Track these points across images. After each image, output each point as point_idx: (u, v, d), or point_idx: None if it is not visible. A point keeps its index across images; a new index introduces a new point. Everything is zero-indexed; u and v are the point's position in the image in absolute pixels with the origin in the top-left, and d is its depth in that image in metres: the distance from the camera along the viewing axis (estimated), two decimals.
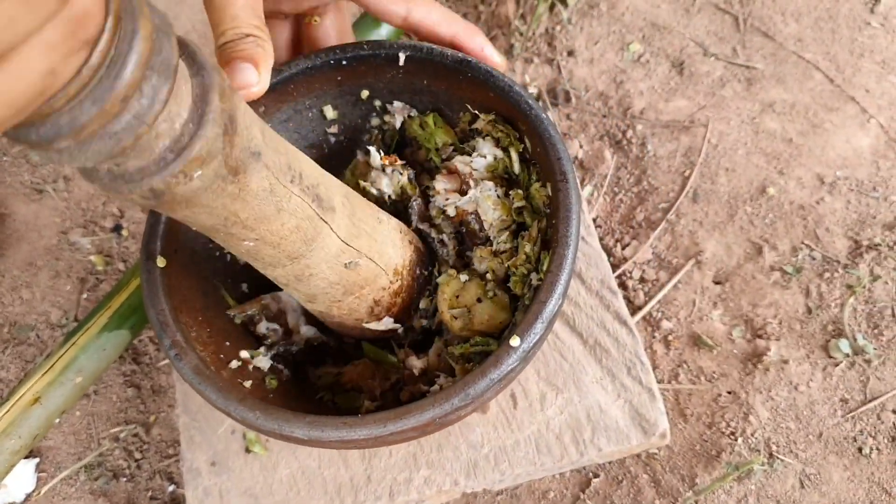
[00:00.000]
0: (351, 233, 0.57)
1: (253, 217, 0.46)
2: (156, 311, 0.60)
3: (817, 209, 1.04)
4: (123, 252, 1.06)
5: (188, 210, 0.42)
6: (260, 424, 0.55)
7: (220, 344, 0.67)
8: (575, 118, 1.14)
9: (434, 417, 0.54)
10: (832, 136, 1.10)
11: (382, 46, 0.69)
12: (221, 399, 0.56)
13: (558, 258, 0.58)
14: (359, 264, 0.60)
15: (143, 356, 0.98)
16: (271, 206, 0.47)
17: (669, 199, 1.06)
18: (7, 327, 1.02)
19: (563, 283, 0.57)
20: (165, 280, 0.62)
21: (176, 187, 0.38)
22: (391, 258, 0.64)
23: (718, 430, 0.90)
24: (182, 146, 0.37)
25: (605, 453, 0.80)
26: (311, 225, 0.52)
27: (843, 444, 0.89)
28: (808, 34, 1.21)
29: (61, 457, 0.93)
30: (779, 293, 0.99)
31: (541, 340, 0.57)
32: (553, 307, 0.57)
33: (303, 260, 0.54)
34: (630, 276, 1.01)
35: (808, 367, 0.94)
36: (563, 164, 0.62)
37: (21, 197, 1.11)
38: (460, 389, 0.54)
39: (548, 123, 0.64)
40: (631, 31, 1.23)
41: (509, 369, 0.55)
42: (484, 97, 0.68)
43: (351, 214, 0.57)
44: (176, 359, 0.58)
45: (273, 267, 0.54)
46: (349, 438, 0.54)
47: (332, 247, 0.55)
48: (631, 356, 0.84)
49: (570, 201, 0.60)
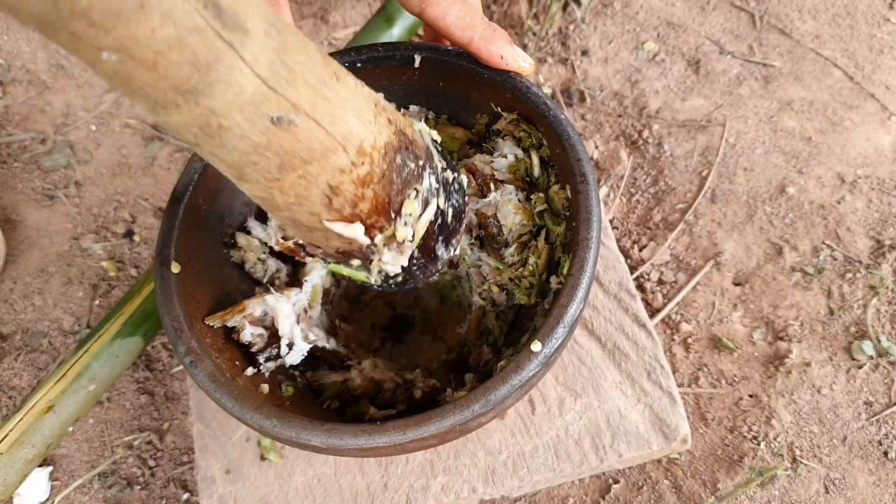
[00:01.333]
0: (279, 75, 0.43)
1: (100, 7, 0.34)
2: (170, 318, 0.60)
3: (838, 208, 1.02)
4: (135, 258, 1.06)
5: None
6: (277, 432, 0.54)
7: (235, 351, 0.66)
8: (590, 118, 1.13)
9: (454, 424, 0.52)
10: (852, 133, 1.09)
11: (398, 49, 0.68)
12: (237, 407, 0.55)
13: (579, 261, 0.57)
14: (295, 123, 0.45)
15: (157, 363, 0.98)
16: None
17: (687, 200, 1.05)
18: (19, 334, 1.01)
19: (584, 286, 0.56)
20: (180, 286, 0.61)
21: None
22: (353, 130, 0.49)
23: (740, 435, 0.88)
24: None
25: (626, 459, 0.79)
26: (204, 42, 0.38)
27: (867, 447, 0.87)
28: (825, 31, 1.19)
29: (75, 465, 0.92)
30: (800, 294, 0.97)
31: (562, 345, 0.56)
32: (575, 311, 0.55)
33: (202, 100, 0.40)
34: (648, 278, 0.99)
35: (831, 370, 0.92)
36: (583, 166, 0.61)
37: (32, 203, 1.11)
38: (481, 395, 0.53)
39: (567, 125, 0.63)
40: (645, 30, 1.21)
41: (531, 375, 0.54)
42: (501, 99, 0.67)
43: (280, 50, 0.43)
44: (191, 366, 0.58)
45: (164, 108, 0.41)
46: (368, 446, 0.52)
47: (246, 87, 0.41)
48: (650, 360, 0.82)
49: (590, 203, 0.59)
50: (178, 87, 0.39)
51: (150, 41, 0.36)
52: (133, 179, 1.12)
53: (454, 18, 0.61)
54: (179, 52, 0.37)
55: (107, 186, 1.12)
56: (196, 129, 0.43)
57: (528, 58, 0.64)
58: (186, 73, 0.39)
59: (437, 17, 0.60)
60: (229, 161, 0.46)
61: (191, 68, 0.38)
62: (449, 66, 0.67)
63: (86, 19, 0.34)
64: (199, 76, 0.39)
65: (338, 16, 1.26)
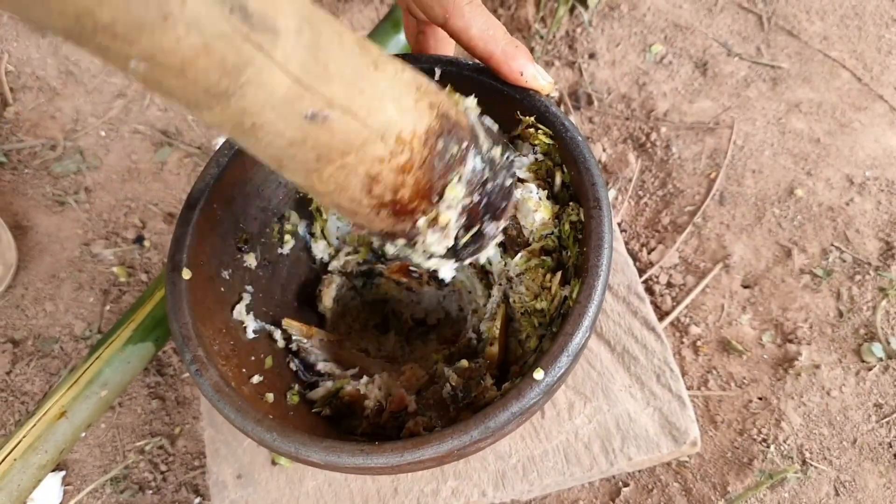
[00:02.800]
0: (312, 72, 0.43)
1: (123, 22, 0.34)
2: (179, 325, 0.60)
3: (847, 210, 1.02)
4: (146, 263, 1.06)
5: None
6: (277, 446, 0.54)
7: (243, 357, 0.66)
8: (598, 121, 1.13)
9: (452, 449, 0.52)
10: (861, 135, 1.08)
11: (418, 60, 0.67)
12: (239, 418, 0.56)
13: (587, 289, 0.56)
14: (330, 119, 0.46)
15: (168, 367, 0.98)
16: (152, 8, 0.35)
17: (695, 202, 1.05)
18: (31, 340, 1.02)
19: (591, 315, 0.56)
20: (190, 292, 0.62)
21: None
22: (391, 119, 0.49)
23: (750, 437, 0.88)
24: None
25: (635, 462, 0.79)
26: (232, 48, 0.38)
27: (878, 449, 0.87)
28: (833, 32, 1.19)
29: (87, 470, 0.93)
30: (809, 297, 0.97)
31: (566, 374, 0.55)
32: (580, 340, 0.55)
33: (233, 101, 0.41)
34: (657, 280, 1.00)
35: (841, 372, 0.92)
36: (598, 191, 0.60)
37: (43, 209, 1.11)
38: (480, 422, 0.53)
39: (584, 146, 0.62)
40: (653, 32, 1.21)
41: (532, 403, 0.53)
42: (519, 116, 0.67)
43: (312, 46, 0.43)
44: (196, 374, 0.58)
45: (198, 108, 0.42)
46: (366, 466, 0.53)
47: (278, 87, 0.42)
48: (660, 363, 0.83)
49: (602, 230, 0.58)
50: (209, 90, 0.40)
51: (176, 50, 0.37)
52: (143, 185, 1.13)
53: (477, 31, 0.59)
54: (207, 59, 0.38)
55: (117, 192, 1.12)
56: (231, 126, 0.43)
57: (547, 76, 0.63)
58: (216, 78, 0.39)
59: (461, 28, 0.59)
60: (268, 153, 0.47)
61: (220, 73, 0.39)
62: (468, 80, 0.66)
63: (110, 33, 0.34)
64: (228, 80, 0.40)
65: (345, 20, 1.26)
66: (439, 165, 0.53)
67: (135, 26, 0.34)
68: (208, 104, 0.41)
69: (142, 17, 0.34)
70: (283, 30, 0.41)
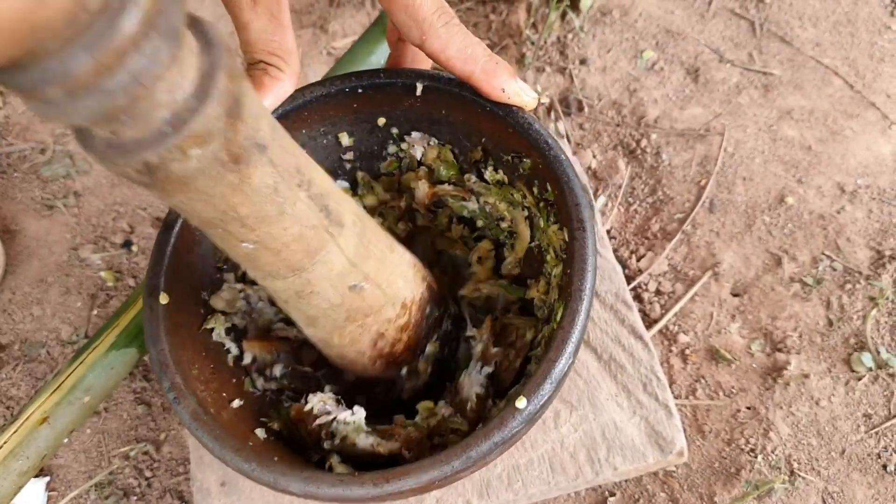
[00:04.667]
0: (359, 253, 0.55)
1: (253, 216, 0.44)
2: (156, 351, 0.59)
3: (838, 218, 1.02)
4: (133, 268, 1.06)
5: (184, 194, 0.40)
6: (255, 476, 0.54)
7: (223, 381, 0.65)
8: (588, 127, 1.13)
9: (433, 480, 0.52)
10: (852, 143, 1.08)
11: (400, 75, 0.67)
12: (218, 447, 0.55)
13: (571, 313, 0.56)
14: (364, 289, 0.57)
15: (153, 373, 0.98)
16: (274, 207, 0.45)
17: (685, 210, 1.04)
18: (18, 344, 1.01)
19: (574, 341, 0.55)
20: (168, 317, 0.61)
21: (171, 164, 0.37)
22: (400, 290, 0.62)
23: (738, 447, 0.88)
24: (182, 120, 0.35)
25: (621, 472, 0.78)
26: (316, 236, 0.50)
27: (866, 460, 0.87)
28: (826, 39, 1.19)
29: (72, 475, 0.92)
30: (799, 305, 0.96)
31: (549, 401, 0.54)
32: (563, 367, 0.54)
33: (304, 274, 0.52)
34: (645, 288, 0.99)
35: (830, 382, 0.91)
36: (581, 212, 0.59)
37: (31, 213, 1.11)
38: (461, 452, 0.52)
39: (567, 165, 0.61)
40: (644, 38, 1.21)
41: (514, 432, 0.53)
42: (502, 132, 0.65)
43: (361, 234, 0.55)
44: (175, 402, 0.57)
45: (273, 278, 0.52)
46: (345, 496, 0.52)
47: (336, 264, 0.53)
48: (647, 372, 0.82)
49: (585, 252, 0.57)
50: (291, 266, 0.51)
51: (281, 237, 0.48)
52: (132, 190, 1.12)
53: (455, 51, 0.59)
54: (298, 244, 0.49)
55: (105, 196, 1.12)
56: (293, 292, 0.54)
57: (531, 92, 0.62)
58: (300, 258, 0.50)
59: (438, 49, 0.58)
60: (307, 314, 0.58)
61: (304, 254, 0.50)
62: (451, 95, 0.65)
63: (240, 222, 0.44)
64: (308, 259, 0.51)
65: (337, 25, 1.26)
66: (425, 326, 0.67)
67: (260, 218, 0.45)
68: (285, 275, 0.52)
69: (267, 212, 0.45)
70: (346, 223, 0.53)
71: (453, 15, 0.59)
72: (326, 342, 0.63)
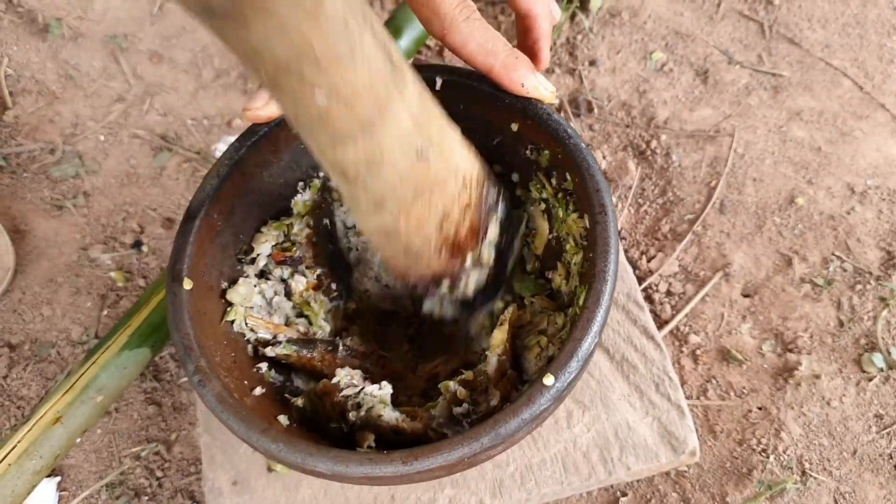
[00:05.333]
0: (421, 114, 0.53)
1: (327, 55, 0.43)
2: (180, 335, 0.59)
3: (848, 219, 1.02)
4: (143, 268, 1.06)
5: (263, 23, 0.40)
6: (283, 457, 0.54)
7: (244, 370, 0.66)
8: (598, 129, 1.13)
9: (463, 457, 0.52)
10: (862, 144, 1.08)
11: (418, 70, 0.67)
12: (244, 429, 0.55)
13: (595, 294, 0.56)
14: (429, 156, 0.55)
15: (164, 373, 0.98)
16: (345, 44, 0.43)
17: (695, 211, 1.04)
18: (28, 344, 1.01)
19: (599, 321, 0.56)
20: (191, 303, 0.61)
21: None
22: (460, 163, 0.59)
23: (749, 447, 0.88)
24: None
25: (634, 472, 0.78)
26: (384, 85, 0.48)
27: (878, 461, 0.87)
28: (835, 40, 1.19)
29: (83, 475, 0.92)
30: (809, 306, 0.96)
31: (575, 379, 0.55)
32: (589, 346, 0.55)
33: (375, 134, 0.50)
34: (656, 289, 0.99)
35: (841, 382, 0.91)
36: (602, 197, 0.60)
37: (41, 213, 1.11)
38: (490, 429, 0.52)
39: (586, 153, 0.62)
40: (653, 40, 1.21)
41: (542, 409, 0.53)
42: (521, 124, 0.67)
43: (420, 93, 0.53)
44: (199, 385, 0.57)
45: (343, 144, 0.50)
46: (374, 475, 0.52)
47: (404, 122, 0.51)
48: (659, 372, 0.82)
49: (608, 235, 0.59)
50: (363, 122, 0.49)
51: (353, 82, 0.45)
52: (141, 189, 1.12)
53: (476, 46, 0.59)
54: (369, 93, 0.47)
55: (115, 196, 1.12)
56: (364, 163, 0.52)
57: (550, 86, 0.63)
58: (370, 111, 0.48)
59: (459, 44, 0.59)
60: (376, 192, 0.55)
61: (374, 106, 0.48)
62: (470, 89, 0.66)
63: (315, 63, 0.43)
64: (378, 114, 0.49)
65: None
66: (485, 207, 0.63)
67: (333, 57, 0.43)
68: (355, 137, 0.49)
69: (338, 49, 0.43)
70: (409, 80, 0.51)
71: (474, 8, 0.59)
72: (393, 231, 0.60)
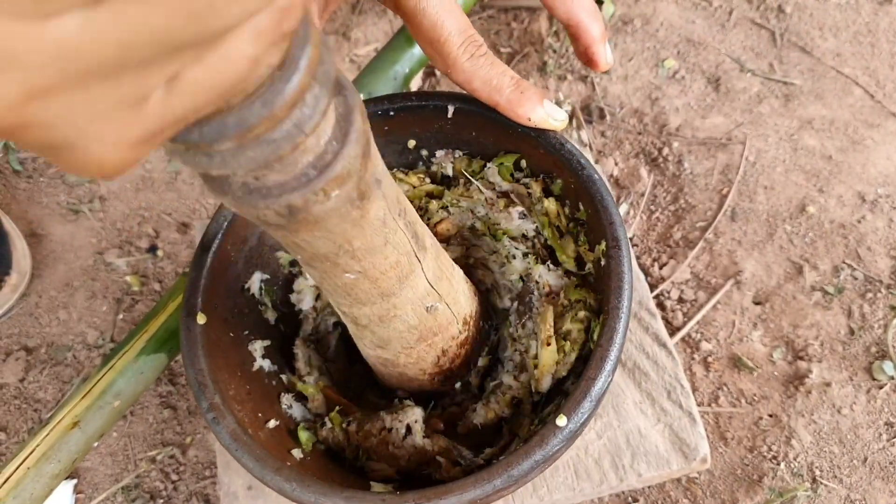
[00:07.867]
0: (436, 275, 0.56)
1: (364, 247, 0.45)
2: (194, 371, 0.59)
3: (859, 228, 1.02)
4: (159, 272, 1.07)
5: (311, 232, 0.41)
6: (297, 496, 0.54)
7: (258, 402, 0.66)
8: (610, 135, 1.14)
9: (475, 498, 0.52)
10: (873, 152, 1.08)
11: (431, 98, 0.67)
12: (258, 468, 0.56)
13: (609, 332, 0.55)
14: (437, 309, 0.58)
15: (180, 377, 0.99)
16: (381, 238, 0.46)
17: (707, 218, 1.05)
18: (44, 348, 1.02)
19: (613, 359, 0.55)
20: (205, 337, 0.61)
21: (314, 206, 0.37)
22: (463, 306, 0.62)
23: (760, 454, 0.88)
24: (325, 163, 0.36)
25: (645, 478, 0.79)
26: (408, 262, 0.51)
27: (888, 468, 0.87)
28: (846, 49, 1.19)
29: (99, 478, 0.93)
30: (820, 314, 0.97)
31: (589, 419, 0.55)
32: (602, 385, 0.54)
33: (392, 299, 0.52)
34: (668, 296, 1.00)
35: (852, 390, 0.92)
36: (616, 230, 0.59)
37: (57, 217, 1.12)
38: (503, 471, 0.52)
39: (600, 184, 0.61)
40: (665, 47, 1.22)
41: (554, 450, 0.53)
42: (533, 152, 0.66)
43: (436, 257, 0.56)
44: (213, 422, 0.58)
45: (361, 305, 0.53)
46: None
47: (419, 287, 0.54)
48: (671, 379, 0.82)
49: (622, 270, 0.57)
50: (384, 292, 0.51)
51: (382, 265, 0.48)
52: (156, 194, 1.14)
53: (480, 83, 0.58)
54: (394, 270, 0.50)
55: (130, 201, 1.13)
56: (376, 317, 0.55)
57: (560, 115, 0.61)
58: (392, 283, 0.51)
59: (462, 81, 0.59)
60: (382, 337, 0.58)
61: (396, 280, 0.51)
62: (482, 117, 0.65)
63: (351, 255, 0.45)
64: (398, 285, 0.51)
65: (360, 32, 1.27)
66: (479, 340, 0.67)
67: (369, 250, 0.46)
68: (374, 301, 0.52)
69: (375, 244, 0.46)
70: (428, 247, 0.54)
71: (481, 44, 0.58)
72: (391, 362, 0.63)
